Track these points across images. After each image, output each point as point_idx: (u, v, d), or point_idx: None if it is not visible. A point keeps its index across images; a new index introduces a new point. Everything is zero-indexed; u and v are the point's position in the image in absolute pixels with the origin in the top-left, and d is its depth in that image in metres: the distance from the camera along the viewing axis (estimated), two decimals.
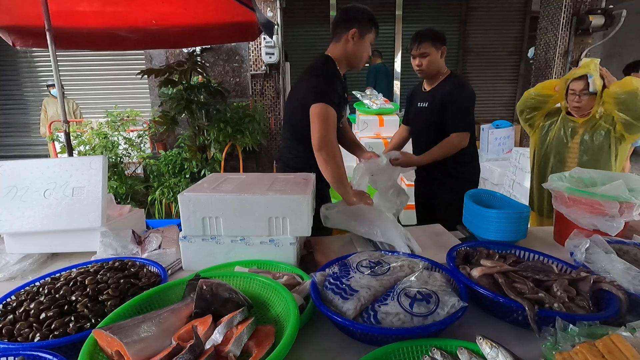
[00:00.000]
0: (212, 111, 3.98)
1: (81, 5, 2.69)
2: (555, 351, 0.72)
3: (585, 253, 1.08)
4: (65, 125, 2.58)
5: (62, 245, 1.37)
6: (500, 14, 7.11)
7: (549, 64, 5.03)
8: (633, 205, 1.21)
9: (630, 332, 0.72)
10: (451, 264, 1.07)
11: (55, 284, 1.03)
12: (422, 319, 0.84)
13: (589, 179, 1.46)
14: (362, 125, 4.08)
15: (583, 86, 1.86)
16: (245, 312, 0.85)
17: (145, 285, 1.03)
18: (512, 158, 3.84)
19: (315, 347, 0.88)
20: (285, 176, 1.44)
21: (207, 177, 1.43)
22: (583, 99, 1.88)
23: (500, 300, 0.89)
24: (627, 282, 0.94)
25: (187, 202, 1.20)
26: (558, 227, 1.46)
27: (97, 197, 1.35)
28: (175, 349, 0.72)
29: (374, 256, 1.10)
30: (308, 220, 1.21)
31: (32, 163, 1.42)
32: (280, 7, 5.04)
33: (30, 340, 0.83)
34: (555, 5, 4.87)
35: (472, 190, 1.55)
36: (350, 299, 0.90)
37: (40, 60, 6.29)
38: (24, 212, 1.33)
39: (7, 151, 6.57)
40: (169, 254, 1.30)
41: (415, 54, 1.97)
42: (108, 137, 3.78)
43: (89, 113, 5.96)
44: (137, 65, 5.68)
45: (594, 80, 1.83)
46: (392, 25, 7.08)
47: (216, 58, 5.29)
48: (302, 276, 1.08)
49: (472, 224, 1.43)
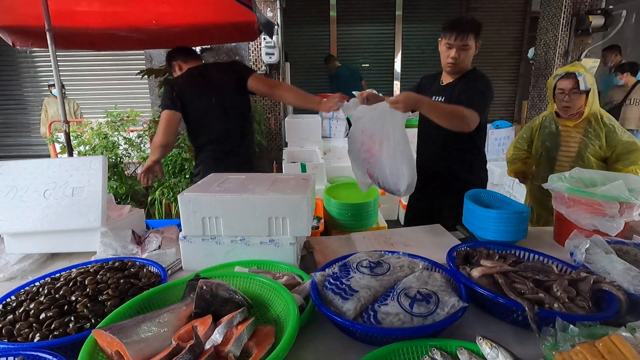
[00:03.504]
0: None
1: (81, 5, 2.69)
2: (555, 351, 0.72)
3: (585, 253, 1.08)
4: (65, 125, 2.58)
5: (62, 245, 1.37)
6: (500, 14, 7.10)
7: (548, 64, 5.03)
8: (633, 205, 1.21)
9: (630, 332, 0.72)
10: (451, 264, 1.07)
11: (55, 284, 1.03)
12: (422, 319, 0.84)
13: (589, 179, 1.46)
14: None
15: (572, 85, 1.84)
16: (245, 312, 0.85)
17: (145, 286, 1.03)
18: None
19: (315, 347, 0.88)
20: (285, 176, 1.44)
21: (207, 177, 1.43)
22: (573, 98, 1.86)
23: (500, 300, 0.89)
24: (627, 283, 0.94)
25: (187, 202, 1.20)
26: (558, 227, 1.46)
27: (97, 197, 1.35)
28: (175, 349, 0.72)
29: (374, 256, 1.10)
30: (308, 220, 1.21)
31: (32, 163, 1.42)
32: (280, 7, 5.04)
33: (30, 340, 0.83)
34: (555, 6, 4.87)
35: (472, 191, 1.55)
36: (350, 299, 0.90)
37: (40, 60, 6.28)
38: (24, 212, 1.33)
39: (7, 151, 6.57)
40: (169, 254, 1.30)
41: (454, 44, 1.75)
42: (108, 137, 3.78)
43: (89, 113, 5.96)
44: (137, 65, 5.68)
45: (584, 78, 1.82)
46: (392, 25, 7.07)
47: (216, 58, 5.28)
48: (302, 276, 1.08)
49: (472, 224, 1.43)
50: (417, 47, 7.19)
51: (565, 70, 1.88)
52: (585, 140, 1.93)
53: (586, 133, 1.93)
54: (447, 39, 1.76)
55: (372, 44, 7.17)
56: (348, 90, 2.10)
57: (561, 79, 1.89)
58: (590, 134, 1.91)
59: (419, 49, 7.20)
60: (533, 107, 5.42)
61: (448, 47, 1.78)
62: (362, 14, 7.01)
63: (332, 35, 6.99)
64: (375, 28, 7.10)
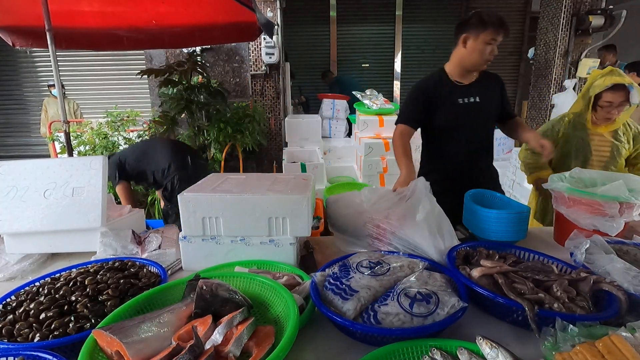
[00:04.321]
0: (212, 111, 3.98)
1: (81, 5, 2.69)
2: (555, 351, 0.72)
3: (585, 253, 1.08)
4: (65, 125, 2.58)
5: (62, 245, 1.37)
6: (500, 14, 7.10)
7: (548, 64, 5.03)
8: (633, 205, 1.21)
9: (630, 332, 0.72)
10: (451, 264, 1.07)
11: (55, 284, 1.02)
12: (422, 319, 0.84)
13: (589, 179, 1.46)
14: (362, 126, 4.08)
15: (623, 97, 1.74)
16: (245, 312, 0.85)
17: (145, 286, 1.03)
18: (512, 158, 3.83)
19: (315, 347, 0.88)
20: (285, 176, 1.44)
21: (207, 177, 1.43)
22: (619, 110, 1.77)
23: (500, 300, 0.89)
24: (627, 283, 0.94)
25: (187, 202, 1.20)
26: (558, 227, 1.46)
27: (97, 197, 1.35)
28: (175, 349, 0.72)
29: (374, 256, 1.10)
30: (308, 220, 1.20)
31: (32, 163, 1.42)
32: (280, 7, 5.04)
33: (30, 340, 0.83)
34: (555, 6, 4.87)
35: (472, 191, 1.55)
36: (350, 299, 0.90)
37: (40, 60, 6.28)
38: (24, 212, 1.33)
39: (7, 151, 6.57)
40: (169, 254, 1.30)
41: (497, 40, 1.71)
42: (108, 137, 3.78)
43: (89, 113, 5.96)
44: (137, 65, 5.68)
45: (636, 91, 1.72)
46: (392, 25, 7.07)
47: (216, 58, 5.29)
48: (302, 276, 1.08)
49: (472, 224, 1.43)
50: (417, 47, 7.20)
51: (614, 82, 1.74)
52: (617, 144, 1.91)
53: (616, 136, 1.91)
54: (493, 35, 1.69)
55: (372, 44, 7.17)
56: (349, 94, 2.07)
57: (609, 91, 1.76)
58: (619, 137, 1.91)
59: (419, 49, 7.20)
60: (533, 107, 5.42)
61: (490, 43, 1.70)
62: (362, 14, 7.01)
63: (332, 35, 6.99)
64: (375, 28, 7.10)
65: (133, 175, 2.42)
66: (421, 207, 1.20)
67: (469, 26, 1.70)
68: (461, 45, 1.75)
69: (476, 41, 1.70)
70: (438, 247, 1.14)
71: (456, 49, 1.79)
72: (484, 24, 1.68)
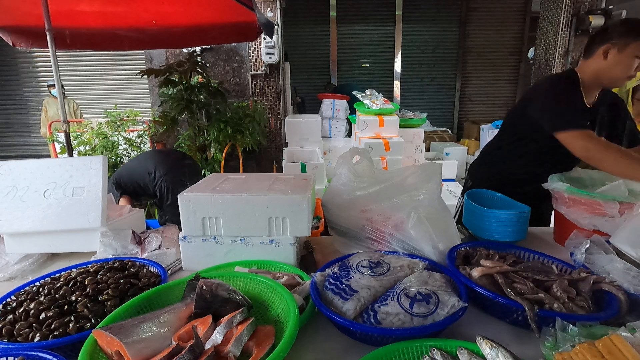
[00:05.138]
0: (212, 111, 3.98)
1: (81, 5, 2.69)
2: (555, 351, 0.72)
3: (585, 253, 1.08)
4: (65, 125, 2.58)
5: (62, 245, 1.37)
6: (500, 15, 7.11)
7: (549, 65, 5.04)
8: (633, 205, 1.21)
9: (630, 332, 0.72)
10: (451, 264, 1.07)
11: (55, 284, 1.02)
12: (422, 319, 0.84)
13: (589, 179, 1.46)
14: (362, 126, 4.08)
15: None
16: (245, 312, 0.85)
17: (145, 286, 1.03)
18: None
19: (315, 347, 0.88)
20: (285, 176, 1.44)
21: (207, 177, 1.43)
22: None
23: (500, 300, 0.89)
24: (627, 282, 0.94)
25: (187, 202, 1.20)
26: (558, 227, 1.46)
27: (97, 197, 1.35)
28: (175, 349, 0.72)
29: (374, 256, 1.10)
30: (308, 220, 1.20)
31: (32, 163, 1.42)
32: (280, 7, 5.04)
33: (30, 340, 0.83)
34: (555, 6, 4.87)
35: (472, 190, 1.55)
36: (350, 299, 0.90)
37: (40, 60, 6.29)
38: (24, 212, 1.33)
39: (7, 151, 6.58)
40: (169, 254, 1.30)
41: None
42: (108, 137, 3.78)
43: (89, 113, 5.96)
44: (137, 65, 5.68)
45: None
46: (392, 25, 7.09)
47: (216, 58, 5.29)
48: (302, 276, 1.08)
49: (472, 224, 1.43)
50: (417, 47, 7.20)
51: None
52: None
53: None
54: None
55: (372, 44, 7.18)
56: (349, 94, 2.07)
57: None
58: None
59: (419, 49, 7.21)
60: None
61: (638, 57, 1.43)
62: (362, 14, 7.02)
63: (332, 35, 7.00)
64: (375, 28, 7.11)
65: (130, 192, 2.43)
66: (424, 206, 1.19)
67: (614, 35, 1.44)
68: (600, 57, 1.48)
69: (622, 53, 1.43)
70: (438, 247, 1.14)
71: (590, 60, 1.53)
72: (635, 33, 1.41)
